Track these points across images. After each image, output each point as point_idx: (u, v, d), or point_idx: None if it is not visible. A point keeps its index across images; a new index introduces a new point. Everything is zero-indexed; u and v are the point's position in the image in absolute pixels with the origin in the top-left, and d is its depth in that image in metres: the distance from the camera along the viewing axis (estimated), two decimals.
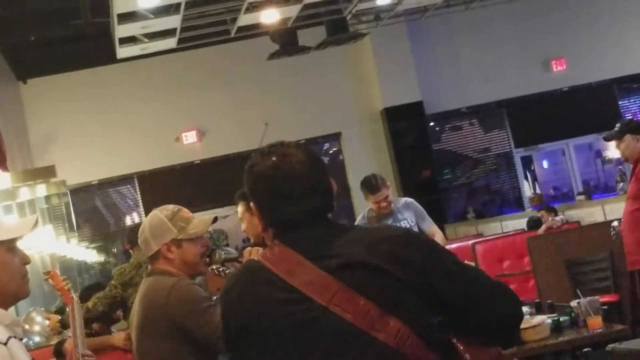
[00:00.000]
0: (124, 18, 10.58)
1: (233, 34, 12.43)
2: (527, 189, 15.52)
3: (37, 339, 6.76)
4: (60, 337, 6.13)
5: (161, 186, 14.12)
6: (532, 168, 15.97)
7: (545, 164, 16.42)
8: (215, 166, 14.51)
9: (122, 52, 12.03)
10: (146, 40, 11.81)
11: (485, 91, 15.17)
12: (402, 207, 6.70)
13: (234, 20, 11.89)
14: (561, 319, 5.15)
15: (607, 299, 7.20)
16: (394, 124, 14.69)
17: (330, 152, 15.43)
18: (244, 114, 14.53)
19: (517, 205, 15.32)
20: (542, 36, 15.29)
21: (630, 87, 15.90)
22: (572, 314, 5.17)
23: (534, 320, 5.04)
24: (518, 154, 15.59)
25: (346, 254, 2.17)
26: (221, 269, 3.80)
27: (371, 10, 13.32)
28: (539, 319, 5.10)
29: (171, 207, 3.67)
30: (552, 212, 10.38)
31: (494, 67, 15.18)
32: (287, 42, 12.67)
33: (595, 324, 5.02)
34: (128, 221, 14.73)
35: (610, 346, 4.25)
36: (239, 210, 5.11)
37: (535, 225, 10.11)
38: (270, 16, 11.65)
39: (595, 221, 9.34)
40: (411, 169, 14.62)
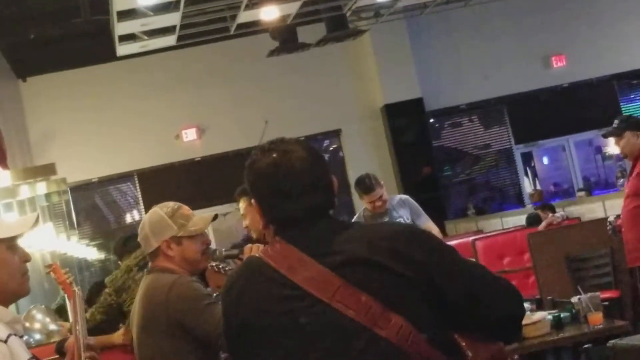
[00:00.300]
0: (124, 16, 10.57)
1: (232, 31, 12.42)
2: (528, 185, 15.51)
3: (37, 336, 6.75)
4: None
5: (161, 183, 14.12)
6: (532, 164, 15.96)
7: (545, 160, 16.41)
8: (215, 163, 14.51)
9: (121, 49, 12.03)
10: (146, 38, 11.80)
11: (485, 87, 15.16)
12: (397, 204, 6.69)
13: (233, 17, 11.89)
14: (562, 315, 5.15)
15: (607, 295, 7.20)
16: (394, 121, 14.68)
17: (330, 149, 15.42)
18: (243, 111, 14.53)
19: (518, 201, 15.31)
20: (542, 32, 15.28)
21: (630, 83, 15.89)
22: (573, 310, 5.17)
23: (534, 316, 5.04)
24: (518, 150, 15.58)
25: (348, 251, 2.17)
26: (221, 266, 3.80)
27: (371, 7, 13.31)
28: (539, 315, 5.09)
29: (171, 204, 3.67)
30: (550, 210, 10.36)
31: (494, 64, 15.17)
32: (286, 39, 12.66)
33: (596, 320, 5.01)
34: (128, 218, 14.73)
35: (611, 342, 4.25)
36: (240, 206, 5.09)
37: (534, 222, 10.10)
38: (269, 13, 11.64)
39: (595, 217, 9.33)
40: (411, 165, 14.61)
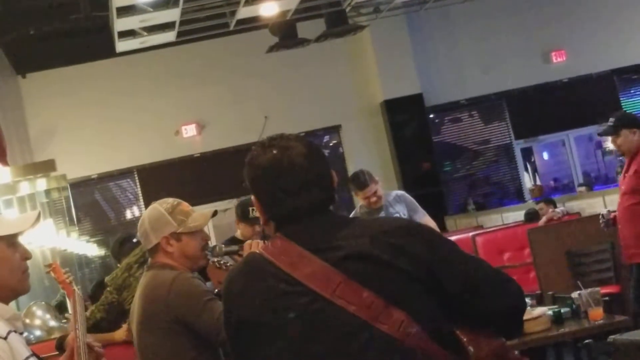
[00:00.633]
0: (123, 11, 10.56)
1: (232, 27, 12.41)
2: (528, 181, 15.51)
3: (37, 332, 6.75)
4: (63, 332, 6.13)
5: (161, 180, 14.11)
6: (532, 159, 15.96)
7: (545, 156, 16.40)
8: (215, 159, 14.50)
9: (121, 45, 12.01)
10: (145, 34, 11.79)
11: (485, 83, 15.14)
12: (393, 200, 6.69)
13: (233, 13, 11.87)
14: (562, 310, 5.14)
15: (608, 290, 7.21)
16: (394, 116, 14.67)
17: (330, 144, 15.41)
18: (243, 107, 14.52)
19: (518, 197, 15.30)
20: (542, 27, 15.26)
21: (630, 78, 15.87)
22: (573, 306, 5.17)
23: (535, 311, 5.04)
24: (518, 146, 15.57)
25: (349, 246, 2.17)
26: (222, 262, 3.80)
27: (370, 2, 13.30)
28: (540, 310, 5.09)
29: (171, 201, 3.67)
30: (552, 204, 10.36)
31: (493, 59, 15.15)
32: (286, 34, 12.65)
33: (597, 315, 5.01)
34: (128, 215, 14.73)
35: (612, 337, 4.24)
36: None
37: (533, 218, 10.10)
38: (269, 9, 11.63)
39: (596, 212, 9.30)
40: (411, 161, 14.61)
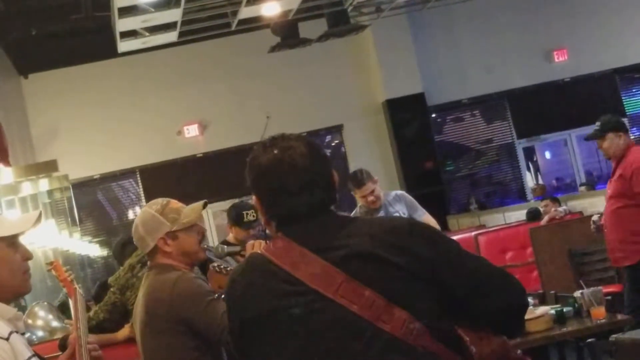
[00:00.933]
0: (125, 12, 10.56)
1: (234, 27, 12.41)
2: (530, 180, 15.50)
3: (40, 333, 6.75)
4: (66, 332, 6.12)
5: (163, 180, 14.11)
6: (534, 159, 15.95)
7: (547, 155, 16.40)
8: (217, 159, 14.51)
9: (123, 46, 12.01)
10: (147, 34, 11.79)
11: (487, 82, 15.14)
12: (392, 200, 6.70)
13: (234, 13, 11.87)
14: (565, 309, 5.14)
15: (610, 289, 7.19)
16: (396, 116, 14.68)
17: (332, 144, 15.42)
18: (245, 106, 14.53)
19: (520, 196, 15.30)
20: (544, 27, 15.26)
21: (632, 77, 15.87)
22: (576, 305, 5.16)
23: (537, 311, 5.03)
24: (520, 145, 15.56)
25: (350, 245, 2.17)
26: (222, 267, 3.77)
27: (372, 2, 13.30)
28: (542, 309, 5.09)
29: (160, 201, 3.65)
30: (556, 202, 10.36)
31: (495, 58, 15.15)
32: (288, 34, 12.65)
33: (599, 314, 5.01)
34: (130, 215, 14.73)
35: (614, 336, 4.24)
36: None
37: (535, 217, 10.10)
38: (271, 9, 11.62)
39: (598, 211, 9.30)
40: (413, 160, 14.61)
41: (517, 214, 11.92)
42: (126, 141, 14.20)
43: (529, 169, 15.69)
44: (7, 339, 2.34)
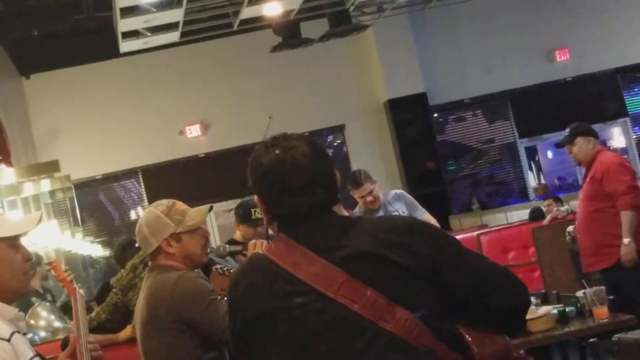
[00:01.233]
0: (127, 12, 10.56)
1: (236, 27, 12.40)
2: (532, 180, 15.49)
3: (42, 334, 6.74)
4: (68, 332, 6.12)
5: (165, 180, 14.12)
6: (536, 158, 15.93)
7: (549, 154, 16.37)
8: (219, 159, 14.50)
9: (124, 46, 12.01)
10: (149, 34, 11.79)
11: (488, 82, 15.13)
12: (392, 199, 6.70)
13: (236, 13, 11.87)
14: (567, 309, 5.13)
15: None
16: (398, 116, 14.67)
17: (334, 144, 15.42)
18: (247, 106, 14.52)
19: (522, 195, 15.29)
20: (546, 26, 15.25)
21: (634, 76, 15.84)
22: (578, 304, 5.15)
23: (539, 311, 5.02)
24: (522, 145, 15.55)
25: (352, 245, 2.17)
26: (225, 269, 3.77)
27: (374, 1, 13.29)
28: (544, 309, 5.07)
29: (165, 202, 3.65)
30: (559, 202, 10.36)
31: (497, 58, 15.14)
32: (289, 34, 12.64)
33: (602, 314, 5.00)
34: (132, 215, 14.73)
35: (617, 336, 4.24)
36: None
37: (538, 216, 10.08)
38: (272, 9, 11.62)
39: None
40: (415, 160, 14.60)
41: (519, 214, 11.91)
42: (128, 141, 14.20)
43: (531, 168, 15.68)
44: (8, 339, 2.34)
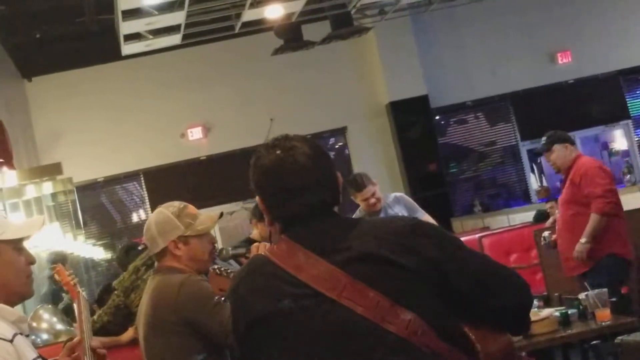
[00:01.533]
0: (129, 15, 10.57)
1: (237, 30, 12.41)
2: (534, 182, 15.48)
3: (45, 336, 6.75)
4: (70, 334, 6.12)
5: (167, 182, 14.12)
6: (538, 161, 15.90)
7: None
8: (221, 162, 14.51)
9: (126, 49, 12.02)
10: (151, 37, 11.80)
11: (490, 84, 15.13)
12: (392, 202, 6.70)
13: (238, 15, 11.88)
14: (569, 311, 5.12)
15: None
16: (400, 118, 14.67)
17: (336, 146, 15.42)
18: (249, 109, 14.53)
19: (524, 198, 15.28)
20: (548, 28, 15.24)
21: (636, 78, 15.84)
22: (581, 307, 5.15)
23: (542, 313, 5.02)
24: (524, 147, 15.54)
25: (355, 247, 2.17)
26: (223, 269, 3.78)
27: (375, 4, 13.28)
28: (547, 312, 5.07)
29: (177, 204, 3.66)
30: None
31: (499, 60, 15.14)
32: (291, 37, 12.65)
33: (604, 316, 4.99)
34: (134, 218, 14.74)
35: (619, 338, 4.23)
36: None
37: (542, 218, 10.07)
38: (274, 11, 11.63)
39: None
40: (417, 163, 14.60)
41: (521, 216, 11.90)
42: (130, 144, 14.21)
43: (533, 171, 15.67)
44: (11, 341, 2.35)
